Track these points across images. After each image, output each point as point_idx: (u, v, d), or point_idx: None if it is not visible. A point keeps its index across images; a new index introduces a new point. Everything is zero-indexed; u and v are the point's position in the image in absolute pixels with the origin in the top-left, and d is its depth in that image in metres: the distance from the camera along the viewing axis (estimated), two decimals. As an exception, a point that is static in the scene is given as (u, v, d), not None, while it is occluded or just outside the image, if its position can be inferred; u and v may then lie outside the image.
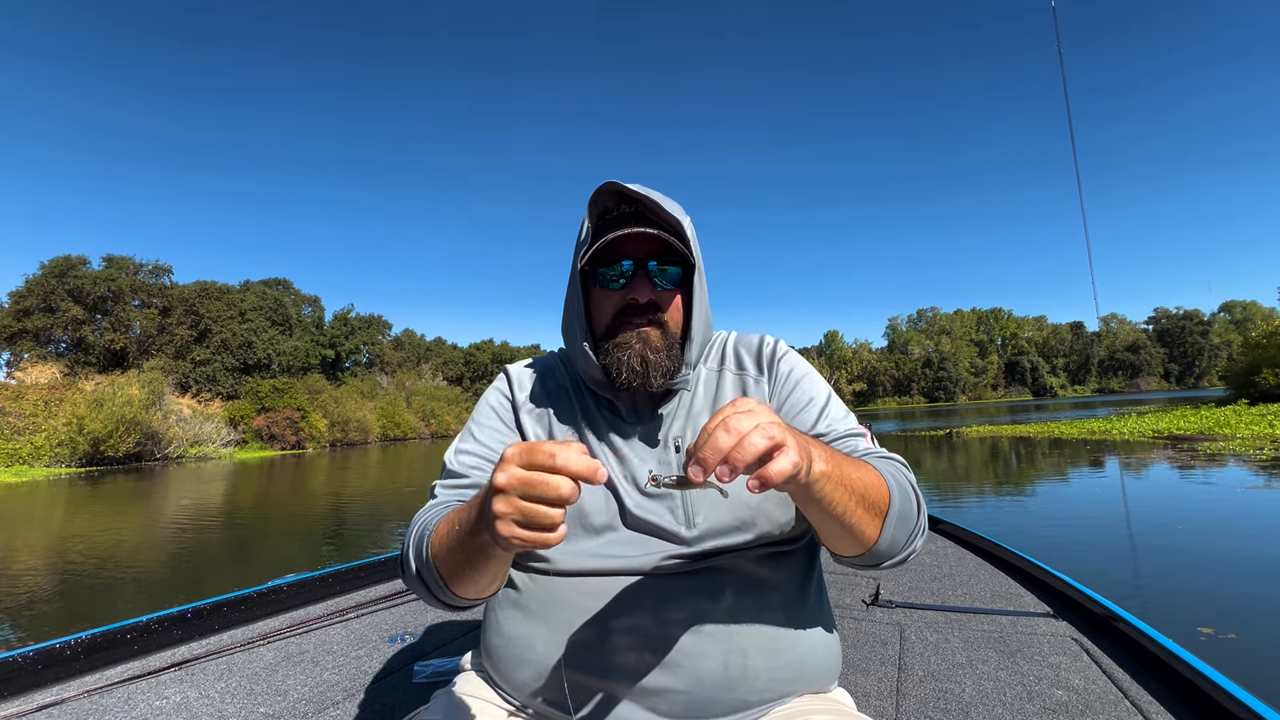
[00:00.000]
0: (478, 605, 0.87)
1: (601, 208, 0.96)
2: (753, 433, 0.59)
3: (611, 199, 0.95)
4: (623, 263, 0.92)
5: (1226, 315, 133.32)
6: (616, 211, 0.95)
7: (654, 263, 0.92)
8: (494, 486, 0.62)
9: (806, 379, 0.99)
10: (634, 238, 0.91)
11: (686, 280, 0.96)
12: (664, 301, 0.94)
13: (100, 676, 1.80)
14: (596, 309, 0.96)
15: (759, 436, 0.59)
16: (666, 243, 0.91)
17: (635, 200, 0.93)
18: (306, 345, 65.89)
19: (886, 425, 38.17)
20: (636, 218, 0.92)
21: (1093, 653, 1.71)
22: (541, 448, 0.61)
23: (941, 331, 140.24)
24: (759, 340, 1.04)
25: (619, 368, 0.91)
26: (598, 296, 0.95)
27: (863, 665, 1.75)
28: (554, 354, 1.11)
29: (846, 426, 0.94)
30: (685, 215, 0.95)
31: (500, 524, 0.62)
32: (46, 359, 47.93)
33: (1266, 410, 22.49)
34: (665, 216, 0.92)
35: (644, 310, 0.92)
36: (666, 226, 0.93)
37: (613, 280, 0.93)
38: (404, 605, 2.47)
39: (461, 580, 0.77)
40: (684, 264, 0.95)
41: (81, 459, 31.46)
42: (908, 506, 0.79)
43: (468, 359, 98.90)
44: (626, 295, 0.92)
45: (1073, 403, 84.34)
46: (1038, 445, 18.02)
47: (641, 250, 0.92)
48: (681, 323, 0.96)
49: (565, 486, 0.60)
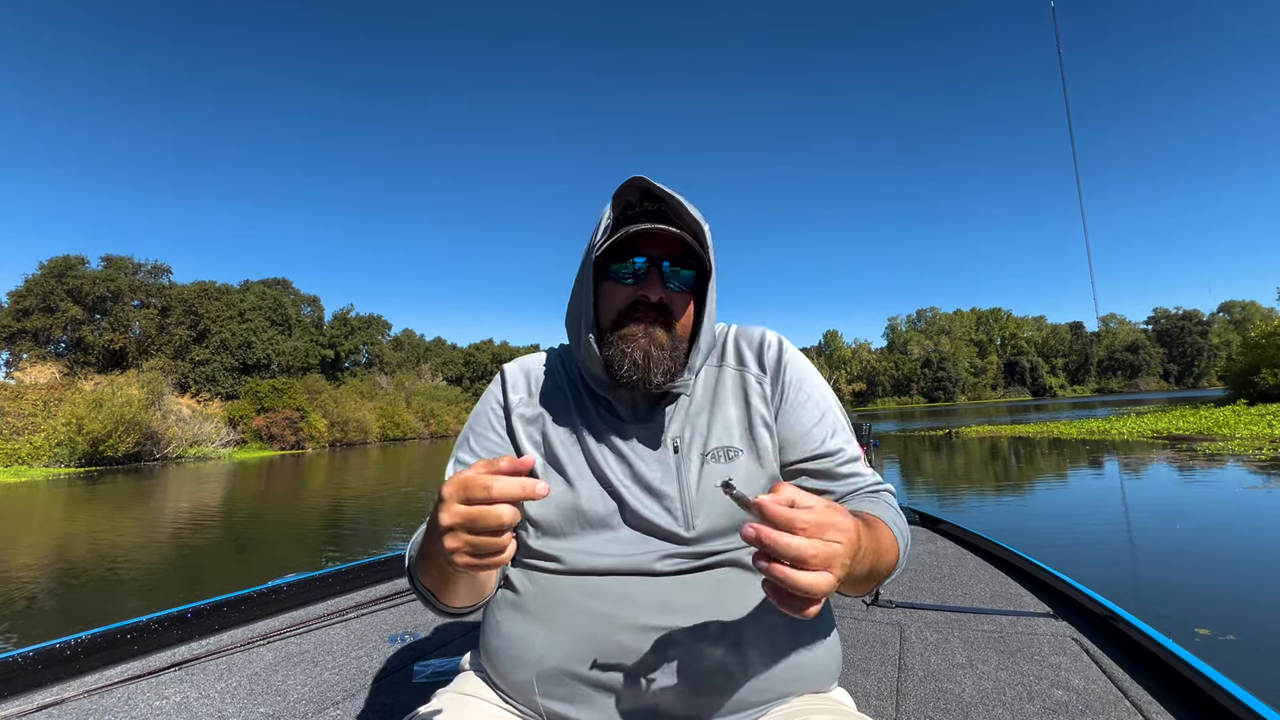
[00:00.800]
0: (475, 611, 0.91)
1: (624, 202, 0.95)
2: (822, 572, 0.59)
3: (635, 194, 0.94)
4: (638, 259, 0.92)
5: (1225, 315, 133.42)
6: (639, 208, 0.94)
7: (669, 263, 0.92)
8: (440, 527, 0.67)
9: (816, 390, 0.98)
10: (654, 236, 0.91)
11: (700, 286, 0.95)
12: (674, 303, 0.93)
13: (100, 676, 1.79)
14: (605, 302, 0.95)
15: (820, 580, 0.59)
16: (685, 244, 0.91)
17: (659, 199, 0.93)
18: (306, 345, 65.83)
19: (886, 425, 38.16)
20: (658, 216, 0.92)
21: (1093, 653, 1.71)
22: (476, 482, 0.65)
23: (941, 331, 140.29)
24: (760, 335, 1.02)
25: (621, 359, 0.90)
26: (608, 289, 0.94)
27: (863, 665, 1.75)
28: (554, 350, 1.09)
29: (853, 449, 0.95)
30: (706, 221, 0.94)
31: (456, 558, 0.67)
32: (45, 359, 47.88)
33: (1265, 410, 22.52)
34: (687, 218, 0.91)
35: (653, 309, 0.92)
36: (687, 228, 0.92)
37: (626, 275, 0.93)
38: (404, 605, 2.47)
39: (446, 594, 0.84)
40: (699, 269, 0.94)
41: (80, 459, 31.42)
42: (904, 557, 0.83)
43: (467, 359, 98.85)
44: (638, 291, 0.92)
45: (1072, 403, 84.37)
46: (1037, 445, 18.03)
47: (659, 250, 0.92)
48: (690, 328, 0.96)
49: (506, 514, 0.64)
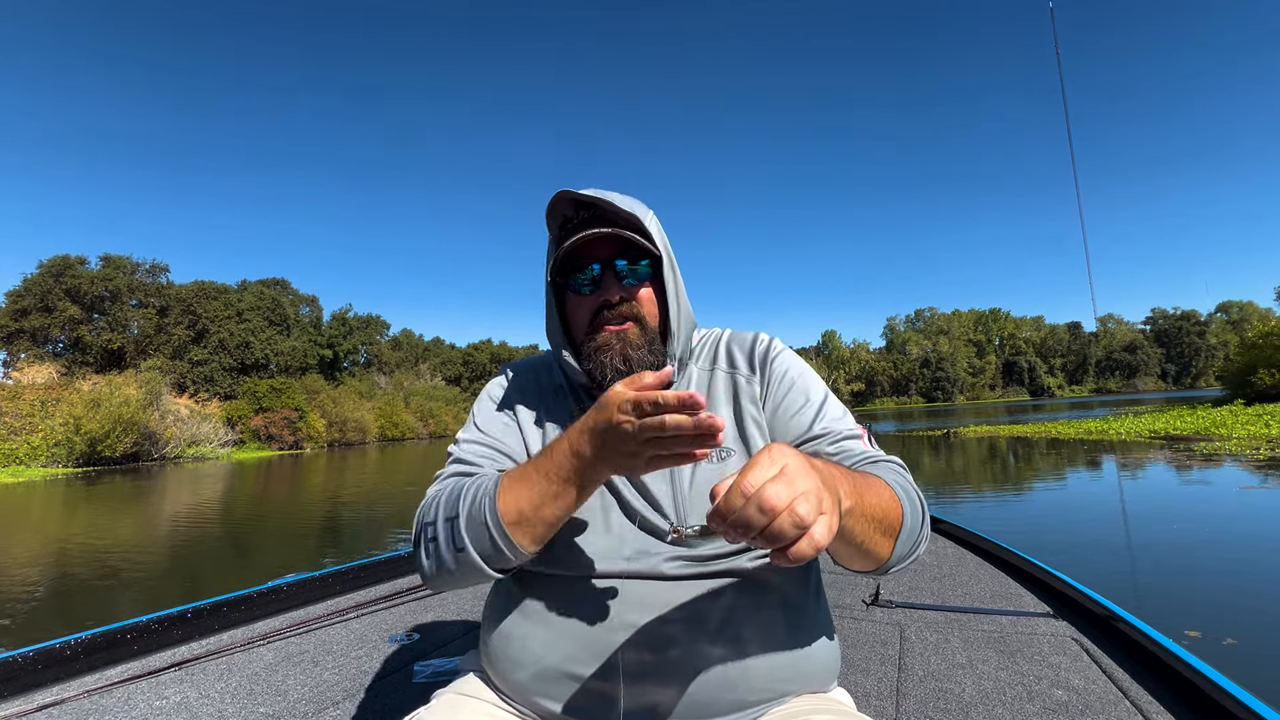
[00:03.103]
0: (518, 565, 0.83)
1: (561, 217, 0.95)
2: (784, 515, 0.55)
3: (569, 206, 0.95)
4: (591, 266, 0.93)
5: (1223, 315, 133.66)
6: (576, 219, 0.94)
7: (621, 261, 0.93)
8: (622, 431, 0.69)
9: (802, 378, 0.97)
10: (597, 240, 0.91)
11: (659, 274, 0.95)
12: (635, 298, 0.94)
13: (100, 676, 1.79)
14: (573, 316, 0.97)
15: (789, 523, 0.55)
16: (629, 240, 0.92)
17: (592, 205, 0.93)
18: (304, 345, 65.72)
19: (885, 426, 38.18)
20: (595, 220, 0.92)
21: (1093, 653, 1.72)
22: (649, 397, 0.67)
23: (939, 332, 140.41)
24: (753, 338, 1.03)
25: (602, 370, 0.91)
26: (572, 303, 0.96)
27: (863, 665, 1.75)
28: (550, 353, 1.10)
29: (844, 427, 0.93)
30: (647, 209, 0.96)
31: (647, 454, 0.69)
32: (43, 359, 47.75)
33: (1262, 410, 22.55)
34: (624, 214, 0.91)
35: (618, 310, 0.93)
36: (625, 224, 0.93)
37: (583, 285, 0.94)
38: (404, 605, 2.47)
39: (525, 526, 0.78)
40: (653, 258, 0.95)
41: (78, 459, 31.36)
42: (916, 519, 0.81)
43: (466, 359, 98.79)
44: (599, 298, 0.93)
45: (1070, 403, 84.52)
46: (1035, 445, 18.05)
47: (607, 251, 0.93)
48: (659, 316, 0.96)
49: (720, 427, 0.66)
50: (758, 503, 0.56)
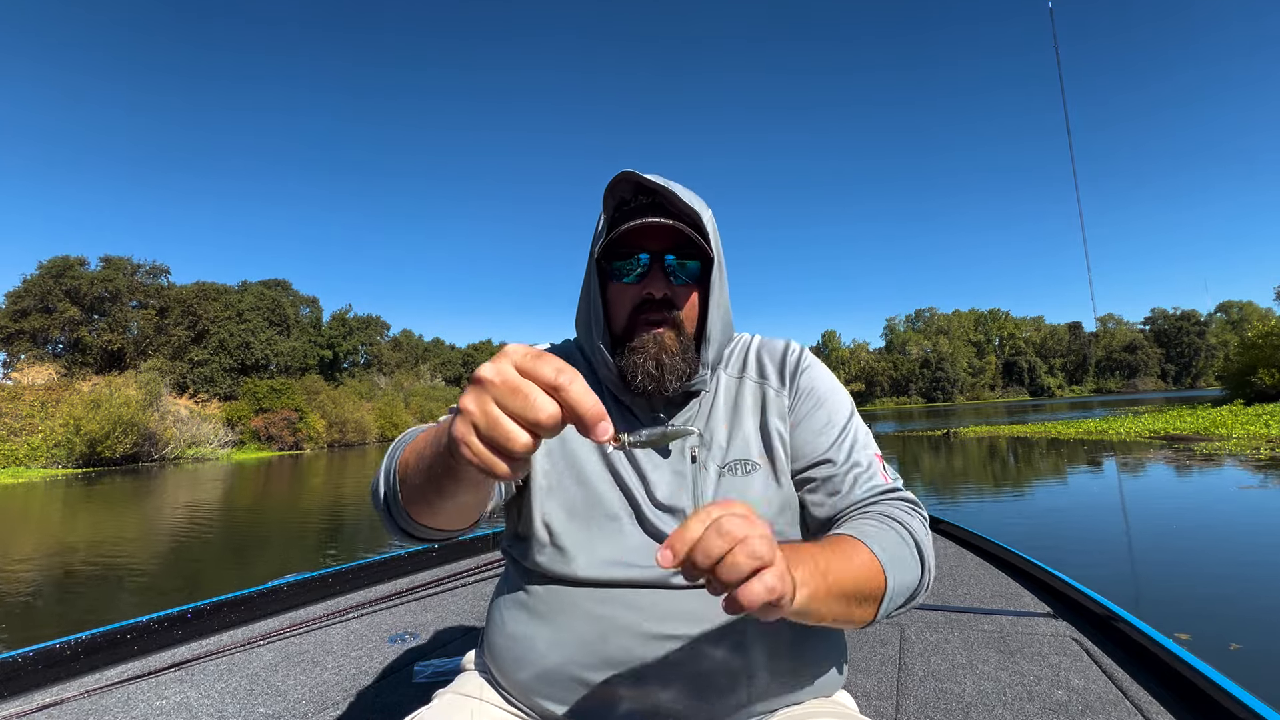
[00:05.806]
0: (436, 539, 0.81)
1: (619, 198, 0.92)
2: (740, 548, 0.54)
3: (629, 189, 0.91)
4: (640, 255, 0.89)
5: (1223, 315, 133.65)
6: (634, 203, 0.91)
7: (671, 256, 0.89)
8: (474, 377, 0.51)
9: (830, 398, 0.95)
10: (651, 229, 0.88)
11: (706, 276, 0.92)
12: (680, 297, 0.91)
13: (100, 676, 1.79)
14: (613, 304, 0.93)
15: (745, 554, 0.54)
16: (685, 236, 0.88)
17: (653, 191, 0.89)
18: (304, 346, 65.68)
19: (884, 426, 38.20)
20: (654, 209, 0.89)
21: (1093, 653, 1.72)
22: (551, 360, 0.50)
23: (939, 332, 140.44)
24: (784, 348, 1.00)
25: (634, 371, 0.89)
26: (614, 291, 0.92)
27: (863, 665, 1.76)
28: (570, 344, 1.07)
29: (860, 457, 0.90)
30: (706, 208, 0.92)
31: (460, 423, 0.51)
32: (43, 360, 47.71)
33: (1262, 410, 22.56)
34: (684, 208, 0.88)
35: (659, 306, 0.89)
36: (685, 219, 0.89)
37: (628, 274, 0.90)
38: (404, 605, 2.47)
39: (419, 501, 0.72)
40: (703, 259, 0.91)
41: (78, 460, 31.33)
42: (907, 578, 0.78)
43: (466, 360, 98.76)
44: (642, 289, 0.89)
45: (1070, 403, 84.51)
46: (1035, 445, 18.04)
47: (659, 243, 0.89)
48: (697, 321, 0.93)
49: (545, 412, 0.48)
50: (717, 528, 0.54)
